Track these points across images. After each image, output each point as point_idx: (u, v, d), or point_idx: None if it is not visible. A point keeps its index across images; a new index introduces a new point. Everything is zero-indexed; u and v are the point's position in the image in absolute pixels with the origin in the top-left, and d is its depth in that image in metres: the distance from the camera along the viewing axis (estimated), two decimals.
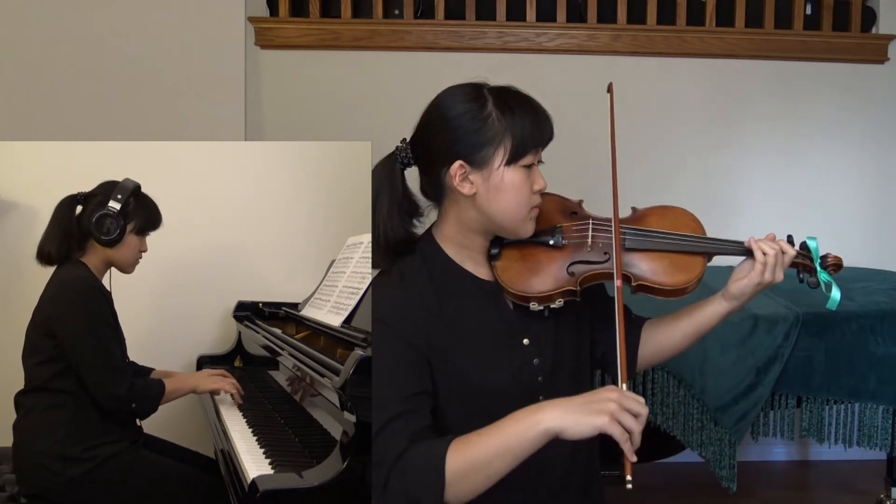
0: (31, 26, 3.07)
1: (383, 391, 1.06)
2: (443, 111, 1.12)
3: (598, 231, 1.18)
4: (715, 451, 2.01)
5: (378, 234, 1.15)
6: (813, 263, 1.22)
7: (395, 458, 0.99)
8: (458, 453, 0.97)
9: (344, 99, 3.27)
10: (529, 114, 1.10)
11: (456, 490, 0.97)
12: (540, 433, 0.95)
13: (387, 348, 1.08)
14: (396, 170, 1.17)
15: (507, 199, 1.10)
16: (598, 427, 0.93)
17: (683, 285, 1.16)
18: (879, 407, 2.05)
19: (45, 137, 2.94)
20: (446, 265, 1.16)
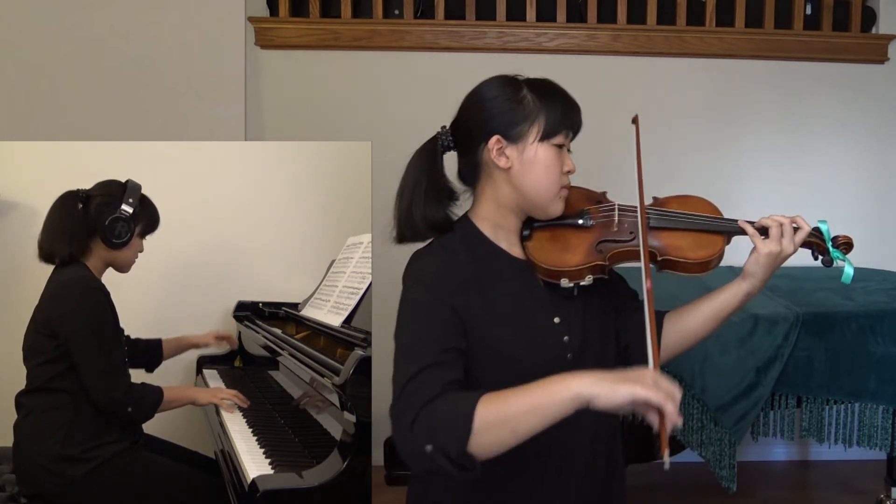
0: (31, 26, 3.07)
1: (417, 343, 1.08)
2: (481, 94, 1.21)
3: (623, 213, 1.26)
4: (715, 451, 2.01)
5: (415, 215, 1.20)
6: (825, 244, 1.29)
7: (426, 402, 1.01)
8: (489, 405, 0.98)
9: (344, 99, 3.27)
10: (562, 98, 1.19)
11: (481, 440, 0.97)
12: (571, 396, 0.96)
13: (424, 305, 1.12)
14: (438, 153, 1.24)
15: (539, 173, 1.17)
16: (633, 394, 0.93)
17: (707, 259, 1.22)
18: (879, 407, 2.05)
19: (45, 137, 2.94)
20: (483, 242, 1.21)
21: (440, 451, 0.98)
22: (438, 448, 0.98)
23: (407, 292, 1.15)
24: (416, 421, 1.00)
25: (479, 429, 0.97)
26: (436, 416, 0.99)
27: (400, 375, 1.06)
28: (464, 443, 0.97)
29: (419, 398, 1.02)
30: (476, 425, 0.97)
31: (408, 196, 1.22)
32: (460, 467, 0.99)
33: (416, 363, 1.05)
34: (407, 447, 1.01)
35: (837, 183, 3.40)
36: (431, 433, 0.99)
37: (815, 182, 3.38)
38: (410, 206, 1.21)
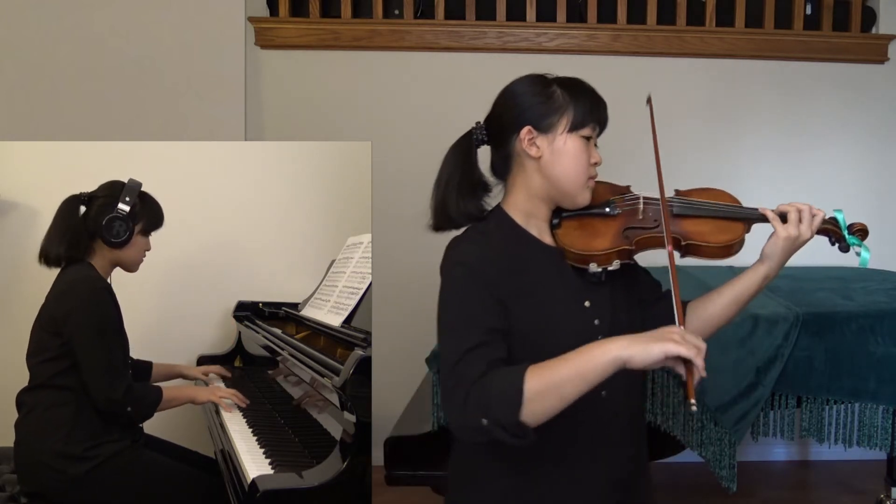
0: (31, 26, 3.07)
1: (463, 324, 1.15)
2: (514, 89, 1.27)
3: (647, 203, 1.33)
4: (715, 451, 2.01)
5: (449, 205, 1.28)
6: (842, 231, 1.36)
7: (477, 377, 1.08)
8: (536, 375, 1.06)
9: (344, 99, 3.27)
10: (590, 94, 1.26)
11: (532, 408, 1.05)
12: (610, 360, 1.04)
13: (467, 287, 1.18)
14: (472, 147, 1.30)
15: (567, 163, 1.24)
16: (665, 350, 1.01)
17: (729, 243, 1.29)
18: (879, 407, 2.05)
19: (45, 137, 2.94)
20: (516, 230, 1.28)
21: (495, 422, 1.05)
22: (493, 420, 1.05)
23: (449, 276, 1.21)
24: (469, 397, 1.07)
25: (529, 398, 1.05)
26: (488, 391, 1.06)
27: (448, 356, 1.13)
28: (517, 412, 1.05)
29: (469, 376, 1.09)
30: (526, 395, 1.05)
31: (442, 189, 1.29)
32: (515, 436, 1.06)
33: (463, 344, 1.12)
34: (461, 423, 1.10)
35: (837, 183, 3.40)
36: (485, 407, 1.06)
37: (815, 182, 3.38)
38: (445, 198, 1.28)
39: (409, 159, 3.25)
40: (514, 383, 1.06)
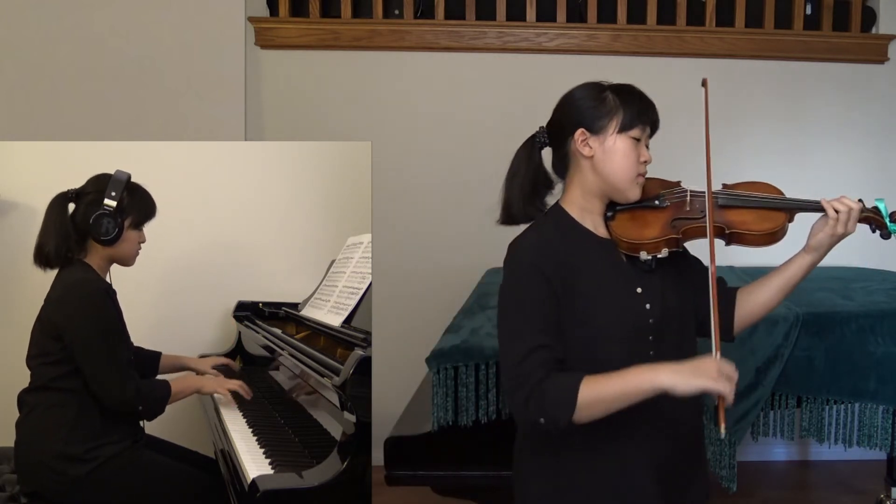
0: (31, 26, 3.07)
1: (523, 323, 1.29)
2: (571, 95, 1.39)
3: (694, 196, 1.44)
4: (715, 451, 2.01)
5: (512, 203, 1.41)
6: (883, 219, 1.44)
7: (538, 382, 1.24)
8: (589, 388, 1.22)
9: (344, 99, 3.27)
10: (639, 98, 1.38)
11: (581, 415, 1.23)
12: (654, 387, 1.20)
13: (525, 291, 1.31)
14: (535, 148, 1.42)
15: (617, 161, 1.35)
16: (701, 386, 1.18)
17: (772, 231, 1.39)
18: (879, 407, 2.04)
19: (45, 137, 2.94)
20: (572, 224, 1.39)
21: (550, 422, 1.23)
22: (549, 421, 1.23)
23: (511, 275, 1.33)
24: (530, 399, 1.24)
25: (580, 407, 1.22)
26: (546, 397, 1.23)
27: (509, 357, 1.28)
28: (569, 417, 1.22)
29: (531, 379, 1.24)
30: (579, 405, 1.22)
31: (508, 187, 1.42)
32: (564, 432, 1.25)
33: (523, 346, 1.27)
34: (523, 418, 1.26)
35: (837, 182, 3.40)
36: (543, 410, 1.23)
37: (815, 182, 3.38)
38: (510, 196, 1.41)
39: (409, 159, 3.25)
40: (570, 394, 1.21)
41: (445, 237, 3.27)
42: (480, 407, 1.79)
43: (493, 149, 1.43)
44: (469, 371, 1.79)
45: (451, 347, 1.80)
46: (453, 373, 1.79)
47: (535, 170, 1.42)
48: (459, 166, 3.19)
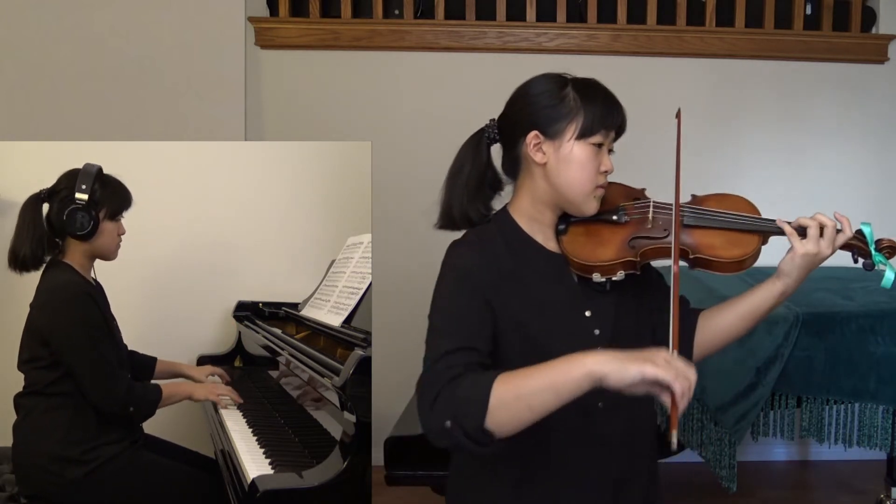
0: (31, 26, 3.07)
1: (448, 326, 1.13)
2: (527, 89, 1.24)
3: (658, 211, 1.27)
4: (715, 451, 2.01)
5: (453, 204, 1.26)
6: (867, 247, 1.29)
7: (448, 381, 1.05)
8: (505, 382, 1.02)
9: (344, 99, 3.27)
10: (604, 99, 1.22)
11: (497, 416, 1.01)
12: (584, 374, 0.99)
13: (458, 292, 1.16)
14: (483, 144, 1.28)
15: (573, 171, 1.20)
16: (643, 372, 0.96)
17: (740, 258, 1.23)
18: (879, 407, 2.05)
19: (45, 137, 2.94)
20: (519, 235, 1.25)
21: (458, 426, 1.02)
22: (457, 423, 1.02)
23: (443, 277, 1.19)
24: (438, 398, 1.04)
25: (495, 405, 1.01)
26: (455, 394, 1.03)
27: (429, 354, 1.11)
28: (481, 418, 1.01)
29: (443, 377, 1.06)
30: (492, 402, 1.01)
31: (450, 185, 1.27)
32: (476, 442, 1.02)
33: (445, 344, 1.10)
34: (428, 423, 1.06)
35: (837, 183, 3.40)
36: (451, 409, 1.03)
37: (815, 182, 3.38)
38: (451, 196, 1.26)
39: (409, 159, 3.25)
40: (482, 389, 1.02)
41: (446, 237, 3.26)
42: None
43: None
44: None
45: None
46: None
47: (483, 168, 1.27)
48: None
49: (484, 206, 1.27)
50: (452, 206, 1.26)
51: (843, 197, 3.38)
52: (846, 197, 3.38)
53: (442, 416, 1.03)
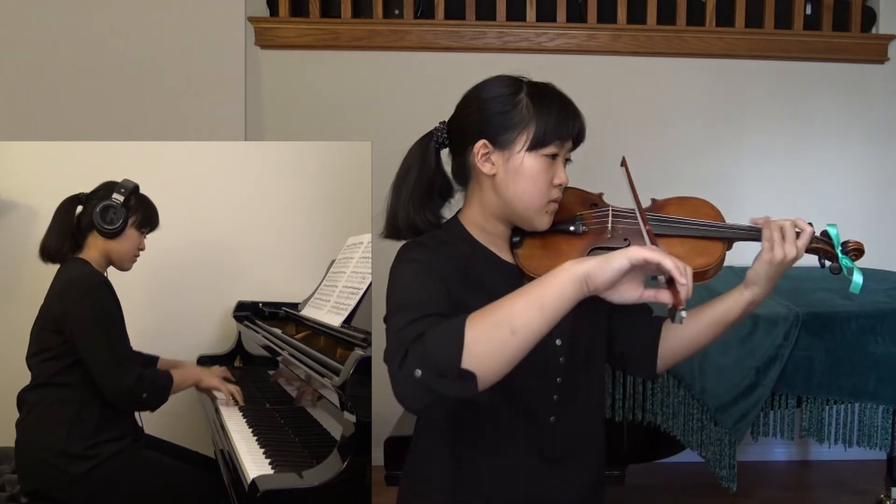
0: (31, 26, 3.07)
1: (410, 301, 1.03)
2: (479, 93, 1.17)
3: (617, 219, 1.21)
4: (715, 451, 2.01)
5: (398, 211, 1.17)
6: (834, 249, 1.22)
7: (415, 338, 0.96)
8: (480, 314, 0.94)
9: (344, 99, 3.27)
10: (559, 107, 1.13)
11: (477, 350, 0.92)
12: (568, 278, 0.94)
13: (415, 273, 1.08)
14: (431, 149, 1.20)
15: (523, 184, 1.12)
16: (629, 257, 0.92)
17: (704, 268, 1.16)
18: (879, 407, 2.05)
19: (45, 137, 2.94)
20: (471, 242, 1.18)
21: (433, 371, 0.91)
22: (431, 369, 0.91)
23: (398, 271, 1.10)
24: (407, 356, 0.94)
25: (471, 339, 0.92)
26: (424, 344, 0.93)
27: (393, 328, 1.02)
28: (457, 357, 0.91)
29: (409, 337, 0.96)
30: (468, 336, 0.92)
31: (396, 191, 1.19)
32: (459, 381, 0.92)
33: (408, 315, 1.00)
34: (399, 383, 0.94)
35: (837, 183, 3.40)
36: (421, 359, 0.92)
37: (815, 182, 3.38)
38: (396, 203, 1.18)
39: None
40: (453, 327, 0.93)
41: None
42: None
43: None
44: None
45: None
46: None
47: (431, 174, 1.19)
48: None
49: (432, 214, 1.19)
50: (398, 213, 1.18)
51: (842, 197, 3.38)
52: (846, 197, 3.38)
53: (411, 368, 0.92)
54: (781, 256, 1.15)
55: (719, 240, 1.19)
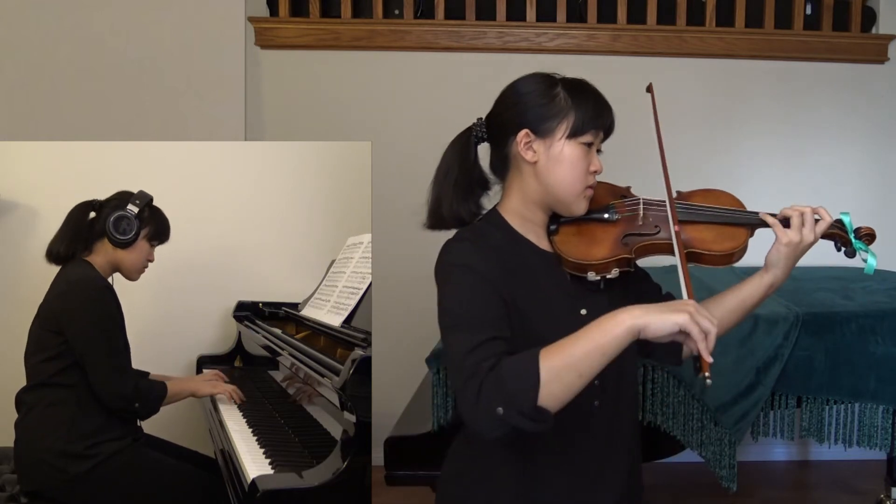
0: (31, 26, 3.07)
1: (468, 321, 1.11)
2: (516, 88, 1.24)
3: (647, 208, 1.29)
4: (715, 451, 2.01)
5: (442, 203, 1.25)
6: (848, 235, 1.31)
7: (489, 369, 1.04)
8: (551, 356, 1.03)
9: (344, 99, 3.27)
10: (594, 99, 1.22)
11: (550, 390, 1.02)
12: (625, 329, 1.02)
13: (470, 286, 1.14)
14: (471, 143, 1.27)
15: (563, 170, 1.20)
16: (678, 323, 1.00)
17: (730, 251, 1.25)
18: (879, 407, 2.04)
19: (45, 137, 2.94)
20: (511, 233, 1.24)
21: (512, 409, 1.01)
22: (510, 407, 1.01)
23: (446, 277, 1.17)
24: (483, 388, 1.03)
25: (546, 379, 1.01)
26: (502, 379, 1.02)
27: (456, 353, 1.09)
28: (534, 396, 1.01)
29: (481, 367, 1.05)
30: (543, 377, 1.01)
31: (438, 185, 1.26)
32: (533, 420, 1.02)
33: (467, 340, 1.08)
34: (478, 415, 1.04)
35: (837, 183, 3.40)
36: (501, 395, 1.02)
37: (815, 182, 3.38)
38: (440, 196, 1.26)
39: (409, 159, 3.24)
40: (530, 367, 1.02)
41: (445, 237, 3.27)
42: None
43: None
44: None
45: None
46: None
47: (470, 168, 1.26)
48: None
49: (475, 205, 1.27)
50: (442, 205, 1.25)
51: (842, 196, 3.38)
52: (846, 196, 3.38)
53: (492, 404, 1.02)
54: (799, 239, 1.24)
55: (743, 226, 1.28)
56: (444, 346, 1.13)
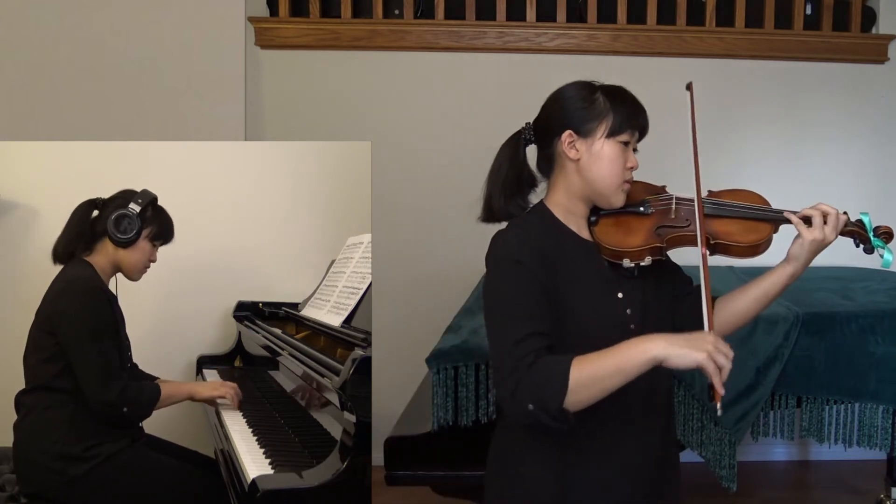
0: (31, 26, 3.07)
1: (513, 315, 1.24)
2: (560, 94, 1.37)
3: (679, 203, 1.42)
4: (715, 451, 2.01)
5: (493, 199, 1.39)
6: (867, 233, 1.42)
7: (527, 368, 1.19)
8: (581, 368, 1.17)
9: (344, 99, 3.27)
10: (630, 103, 1.36)
11: (574, 398, 1.17)
12: (648, 359, 1.16)
13: (516, 280, 1.27)
14: (520, 145, 1.41)
15: (603, 166, 1.33)
16: (697, 361, 1.13)
17: (756, 242, 1.36)
18: (879, 407, 2.05)
19: (45, 137, 2.94)
20: (556, 224, 1.38)
21: (541, 408, 1.17)
22: (539, 406, 1.17)
23: (495, 269, 1.30)
24: (520, 384, 1.18)
25: (573, 389, 1.16)
26: (535, 380, 1.17)
27: (500, 345, 1.24)
28: (561, 401, 1.16)
29: (520, 365, 1.19)
30: (571, 386, 1.16)
31: (491, 183, 1.40)
32: (556, 420, 1.17)
33: (514, 333, 1.22)
34: (511, 406, 1.20)
35: (838, 182, 3.40)
36: (532, 394, 1.17)
37: (816, 181, 3.38)
38: (492, 192, 1.39)
39: (409, 159, 3.25)
40: (561, 375, 1.16)
41: (445, 237, 3.27)
42: (480, 407, 1.80)
43: (493, 148, 1.42)
44: (469, 371, 1.80)
45: (451, 347, 1.81)
46: (453, 373, 1.79)
47: (520, 167, 1.40)
48: (459, 166, 3.19)
49: (523, 200, 1.40)
50: (493, 201, 1.39)
51: (843, 196, 3.38)
52: (846, 196, 3.38)
53: (524, 401, 1.17)
54: (822, 237, 1.35)
55: (768, 222, 1.39)
56: (489, 336, 1.27)
